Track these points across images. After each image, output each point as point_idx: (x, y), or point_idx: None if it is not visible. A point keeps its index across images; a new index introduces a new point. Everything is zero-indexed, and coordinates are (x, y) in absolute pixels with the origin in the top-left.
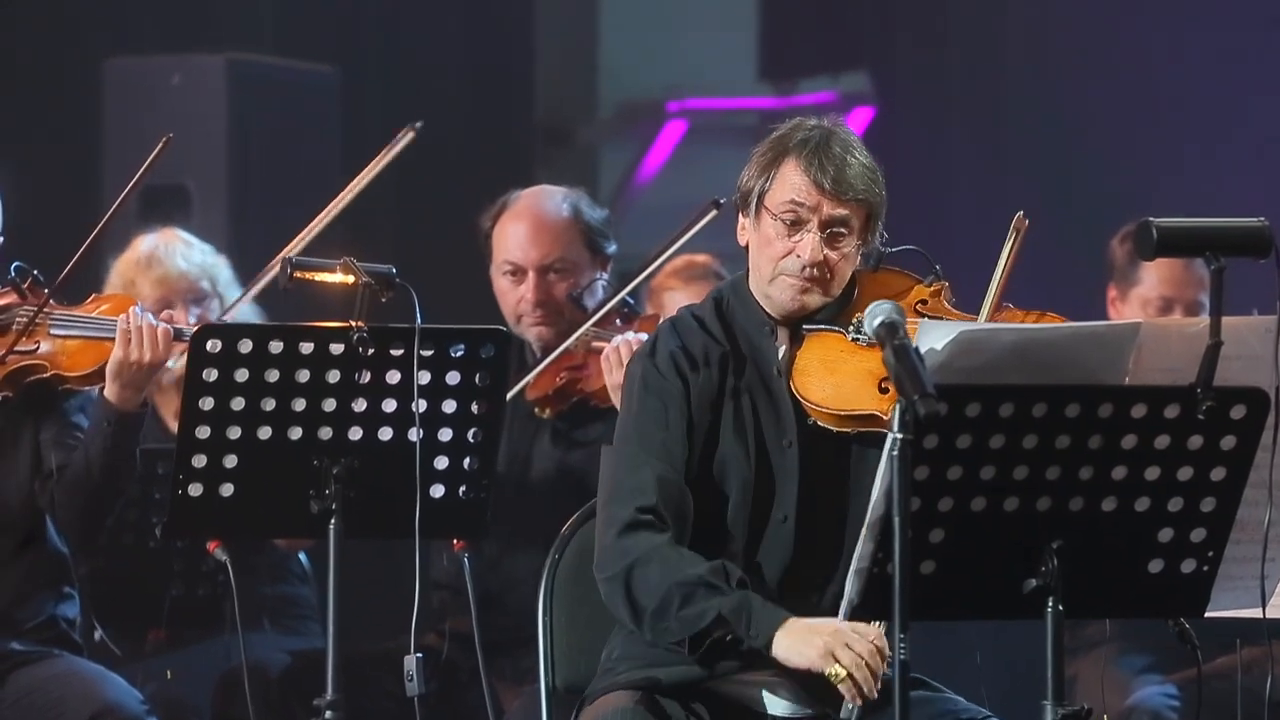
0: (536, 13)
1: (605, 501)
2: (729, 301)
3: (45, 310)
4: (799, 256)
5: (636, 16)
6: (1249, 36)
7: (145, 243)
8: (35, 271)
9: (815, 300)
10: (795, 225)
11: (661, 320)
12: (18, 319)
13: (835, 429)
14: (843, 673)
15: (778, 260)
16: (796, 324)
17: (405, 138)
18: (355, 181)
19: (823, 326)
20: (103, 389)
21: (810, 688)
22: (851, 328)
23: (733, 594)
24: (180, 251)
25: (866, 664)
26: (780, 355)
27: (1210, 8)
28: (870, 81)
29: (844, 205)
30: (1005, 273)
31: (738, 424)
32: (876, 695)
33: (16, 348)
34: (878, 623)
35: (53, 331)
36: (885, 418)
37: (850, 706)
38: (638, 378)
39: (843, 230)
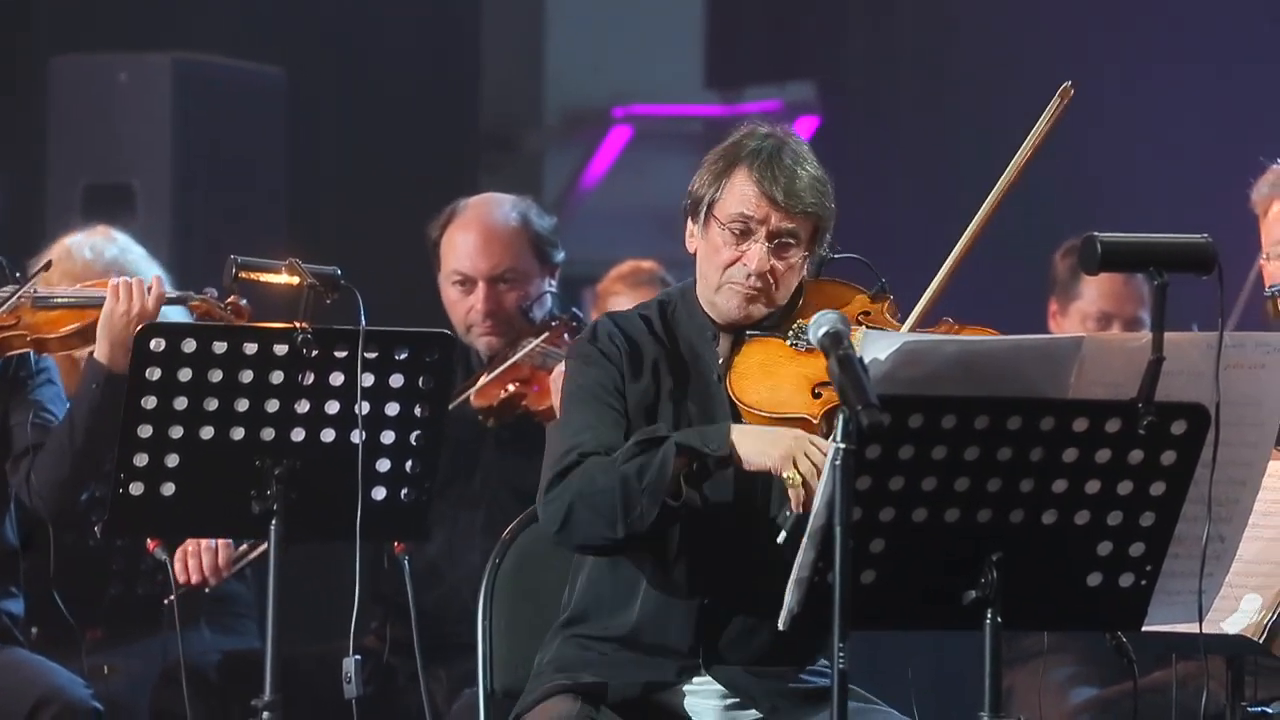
0: (483, 19)
1: (545, 471)
2: (676, 306)
3: (25, 292)
4: (745, 265)
5: (583, 23)
6: (1200, 56)
7: (69, 238)
8: (16, 271)
9: (760, 309)
10: (743, 235)
11: None
12: None
13: None
14: (799, 478)
15: (724, 268)
16: (739, 330)
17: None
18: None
19: (764, 332)
20: (91, 353)
21: (746, 690)
22: (792, 333)
23: (671, 434)
24: (91, 244)
25: (819, 475)
26: (720, 360)
27: (1160, 24)
28: (816, 91)
29: (792, 218)
30: (1040, 137)
31: (674, 428)
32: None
33: None
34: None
35: (34, 306)
36: (814, 421)
37: (789, 514)
38: (577, 356)
39: (790, 241)
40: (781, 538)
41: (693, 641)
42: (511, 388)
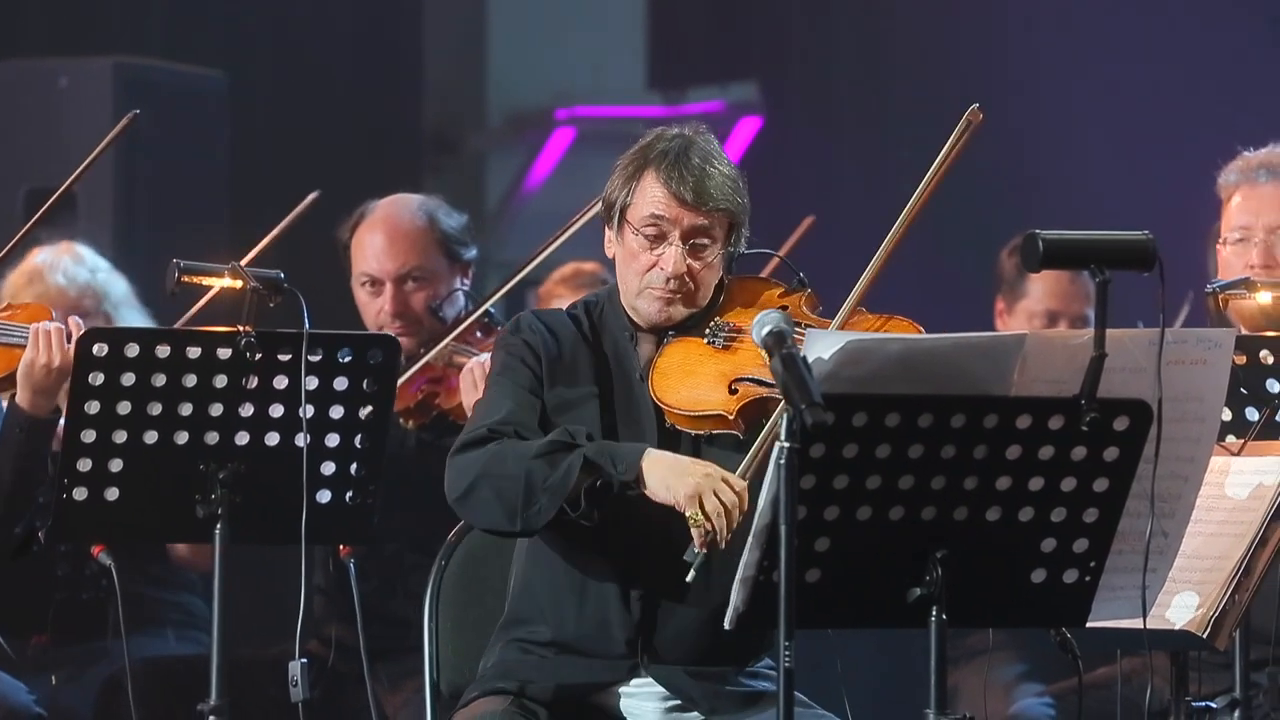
0: (425, 20)
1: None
2: (603, 308)
3: None
4: (662, 269)
5: (526, 24)
6: (1142, 52)
7: (37, 256)
8: None
9: (681, 311)
10: (658, 238)
11: None
12: None
13: (691, 431)
14: (701, 518)
15: (643, 274)
16: (662, 331)
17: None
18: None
19: (683, 332)
20: (14, 396)
21: (685, 691)
22: (709, 331)
23: (588, 444)
24: (64, 268)
25: (726, 514)
26: (642, 362)
27: (1100, 21)
28: (758, 91)
29: (705, 215)
30: (945, 165)
31: (601, 430)
32: (724, 545)
33: None
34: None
35: None
36: (730, 418)
37: (697, 552)
38: (500, 345)
39: (705, 241)
40: (690, 576)
41: (631, 641)
42: (425, 388)
